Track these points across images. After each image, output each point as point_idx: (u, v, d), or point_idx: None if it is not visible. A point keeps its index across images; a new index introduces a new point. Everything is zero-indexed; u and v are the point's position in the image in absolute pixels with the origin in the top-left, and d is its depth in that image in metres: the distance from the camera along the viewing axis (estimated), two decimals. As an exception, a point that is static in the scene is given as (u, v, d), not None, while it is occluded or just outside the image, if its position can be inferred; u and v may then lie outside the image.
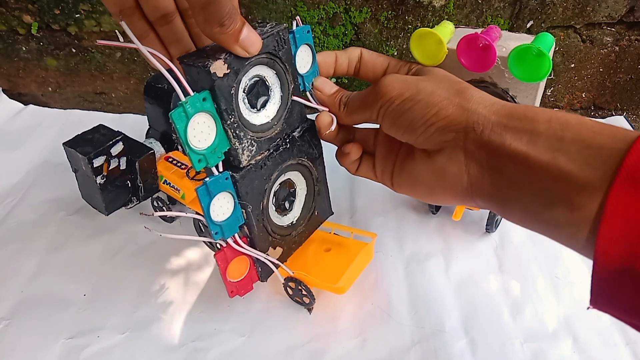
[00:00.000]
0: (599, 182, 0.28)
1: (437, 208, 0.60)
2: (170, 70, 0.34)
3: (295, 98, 0.42)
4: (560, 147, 0.30)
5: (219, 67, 0.35)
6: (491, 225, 0.56)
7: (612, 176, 0.27)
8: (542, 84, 0.45)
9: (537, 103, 0.46)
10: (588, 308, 0.30)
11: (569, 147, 0.30)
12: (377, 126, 0.42)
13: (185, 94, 0.35)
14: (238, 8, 0.34)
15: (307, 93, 0.44)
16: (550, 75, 0.41)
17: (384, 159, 0.44)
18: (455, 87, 0.36)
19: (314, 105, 0.44)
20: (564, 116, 0.32)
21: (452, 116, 0.35)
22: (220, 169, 0.39)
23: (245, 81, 0.38)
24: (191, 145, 0.35)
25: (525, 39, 0.44)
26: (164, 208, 0.59)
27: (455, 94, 0.36)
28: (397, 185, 0.43)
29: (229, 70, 0.36)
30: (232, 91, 0.37)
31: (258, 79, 0.40)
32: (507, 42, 0.44)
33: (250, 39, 0.35)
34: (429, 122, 0.36)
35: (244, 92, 0.39)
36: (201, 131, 0.36)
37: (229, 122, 0.37)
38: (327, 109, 0.44)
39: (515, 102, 0.45)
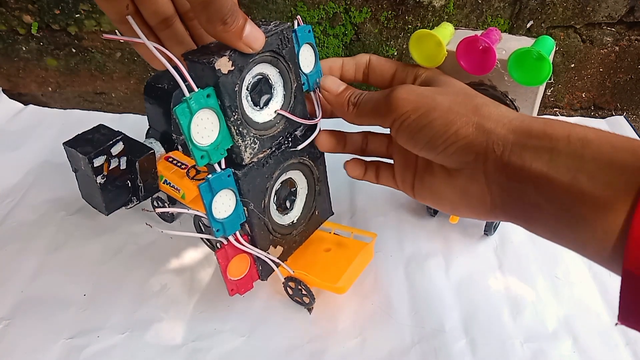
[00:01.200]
0: (622, 203, 0.27)
1: (435, 211, 0.60)
2: (175, 66, 0.34)
3: (281, 112, 0.42)
4: (581, 167, 0.29)
5: (223, 64, 0.35)
6: (489, 229, 0.56)
7: (636, 197, 0.27)
8: (542, 87, 0.45)
9: (537, 106, 0.46)
10: (616, 324, 0.29)
11: (590, 166, 0.29)
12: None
13: (190, 90, 0.35)
14: (238, 5, 0.34)
15: (311, 93, 0.45)
16: (550, 79, 0.41)
17: (403, 169, 0.43)
18: (472, 103, 0.35)
19: (299, 120, 0.43)
20: (583, 131, 0.31)
21: (472, 136, 0.34)
22: (223, 166, 0.39)
23: (249, 79, 0.39)
24: (194, 142, 0.35)
25: (525, 42, 0.44)
26: (164, 207, 0.59)
27: (473, 112, 0.35)
28: (419, 197, 0.42)
29: (233, 67, 0.36)
30: (236, 88, 0.37)
31: (261, 76, 0.40)
32: (507, 44, 0.44)
33: (253, 35, 0.35)
34: (449, 141, 0.35)
35: (247, 89, 0.39)
36: (204, 127, 0.36)
37: (232, 119, 0.37)
38: (319, 119, 0.44)
39: (514, 105, 0.45)
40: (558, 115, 0.80)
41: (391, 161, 0.46)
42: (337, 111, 0.43)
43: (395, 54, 0.76)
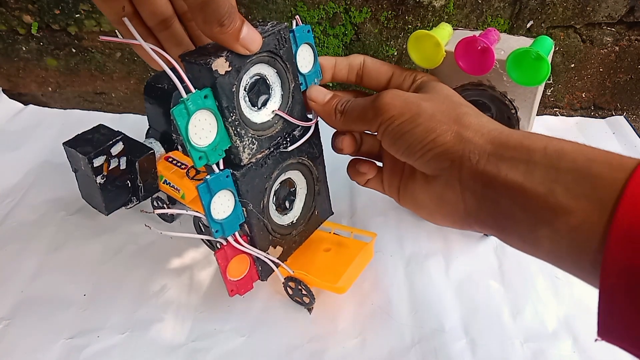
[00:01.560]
0: (598, 216, 0.27)
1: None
2: (172, 68, 0.34)
3: (278, 112, 0.42)
4: (556, 178, 0.29)
5: (220, 65, 0.35)
6: None
7: (612, 210, 0.27)
8: (541, 87, 0.45)
9: (536, 106, 0.46)
10: (596, 340, 0.29)
11: (565, 178, 0.29)
12: None
13: (187, 91, 0.35)
14: (236, 7, 0.34)
15: None
16: (549, 79, 0.41)
17: (391, 173, 0.44)
18: (455, 112, 0.36)
19: (295, 121, 0.43)
20: (560, 143, 0.31)
21: (449, 144, 0.35)
22: (221, 167, 0.39)
23: (247, 79, 0.39)
24: (192, 143, 0.35)
25: (524, 42, 0.44)
26: (164, 207, 0.59)
27: (455, 120, 0.35)
28: (403, 202, 0.43)
29: (230, 68, 0.36)
30: (234, 89, 0.37)
31: (259, 77, 0.40)
32: (506, 45, 0.44)
33: (250, 37, 0.35)
34: (427, 147, 0.36)
35: (245, 90, 0.39)
36: (202, 128, 0.36)
37: (230, 119, 0.37)
38: (315, 120, 0.45)
39: (513, 105, 0.45)
40: (558, 115, 0.80)
41: (379, 163, 0.46)
42: (325, 120, 0.44)
43: (395, 54, 0.76)
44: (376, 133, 0.39)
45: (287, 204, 0.47)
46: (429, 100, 0.37)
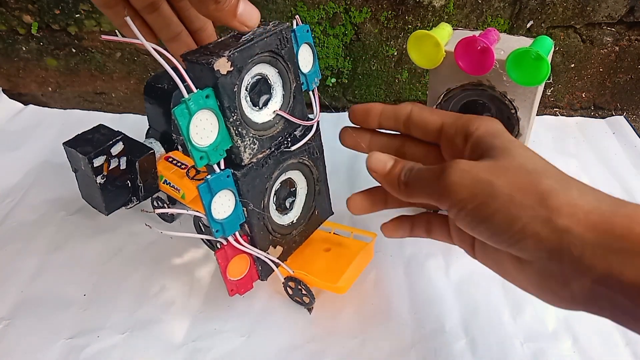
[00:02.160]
0: None
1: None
2: (174, 67, 0.34)
3: (279, 112, 0.42)
4: None
5: (222, 65, 0.35)
6: None
7: None
8: (541, 87, 0.45)
9: (536, 106, 0.46)
10: None
11: None
12: None
13: (188, 90, 0.35)
14: None
15: (310, 92, 0.45)
16: (549, 79, 0.41)
17: (461, 231, 0.38)
18: (537, 188, 0.30)
19: (296, 121, 0.43)
20: None
21: (542, 234, 0.29)
22: (222, 167, 0.39)
23: (248, 79, 0.39)
24: (193, 142, 0.35)
25: (523, 42, 0.44)
26: (164, 207, 0.59)
27: (539, 202, 0.29)
28: (480, 260, 0.38)
29: (232, 68, 0.36)
30: (235, 89, 0.37)
31: (260, 77, 0.40)
32: (506, 44, 0.44)
33: (248, 12, 0.34)
34: (514, 238, 0.30)
35: (246, 90, 0.39)
36: (203, 128, 0.36)
37: (231, 119, 0.37)
38: (316, 119, 0.43)
39: (513, 105, 0.45)
40: (558, 115, 0.80)
41: (445, 212, 0.40)
42: (387, 190, 0.38)
43: (395, 54, 0.76)
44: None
45: (287, 204, 0.47)
46: (501, 174, 0.31)
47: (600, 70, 0.77)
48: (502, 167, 0.32)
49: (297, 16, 0.42)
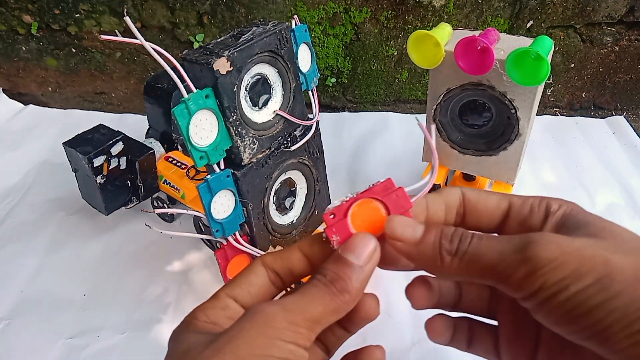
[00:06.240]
0: None
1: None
2: (173, 67, 0.34)
3: (279, 112, 0.42)
4: None
5: (222, 65, 0.35)
6: None
7: None
8: (540, 87, 0.45)
9: (536, 106, 0.46)
10: None
11: None
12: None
13: (188, 90, 0.35)
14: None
15: (309, 92, 0.45)
16: (549, 79, 0.41)
17: (515, 336, 0.30)
18: None
19: (296, 120, 0.43)
20: None
21: None
22: (222, 167, 0.39)
23: (248, 79, 0.39)
24: (193, 142, 0.35)
25: (523, 41, 0.44)
26: (164, 207, 0.59)
27: None
28: None
29: (231, 68, 0.36)
30: (235, 89, 0.37)
31: (260, 77, 0.40)
32: (506, 44, 0.44)
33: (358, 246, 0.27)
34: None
35: (246, 90, 0.39)
36: (203, 128, 0.36)
37: (231, 119, 0.37)
38: (315, 119, 0.42)
39: (512, 105, 0.45)
40: (558, 115, 0.80)
41: (492, 322, 0.32)
42: (420, 265, 0.28)
43: (395, 53, 0.76)
44: (520, 297, 0.25)
45: (287, 204, 0.47)
46: (618, 251, 0.23)
47: (600, 70, 0.77)
48: (616, 245, 0.24)
49: (295, 16, 0.42)
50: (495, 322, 0.32)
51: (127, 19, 0.32)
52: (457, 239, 0.26)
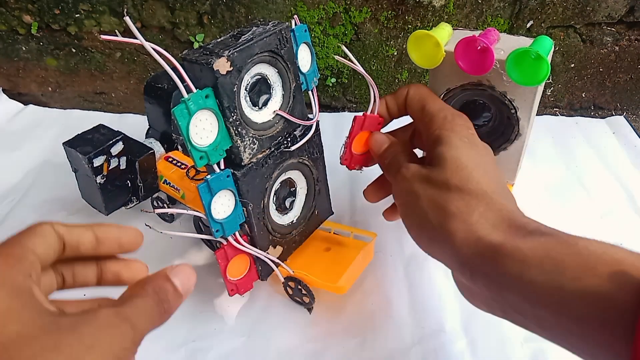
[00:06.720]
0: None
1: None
2: (173, 67, 0.34)
3: (279, 112, 0.42)
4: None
5: (222, 65, 0.35)
6: None
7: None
8: (540, 87, 0.45)
9: (536, 106, 0.46)
10: None
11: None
12: None
13: (188, 90, 0.35)
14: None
15: (309, 92, 0.45)
16: (548, 79, 0.41)
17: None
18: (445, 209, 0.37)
19: (296, 120, 0.43)
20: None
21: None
22: (222, 167, 0.39)
23: (248, 79, 0.39)
24: (193, 142, 0.35)
25: (523, 41, 0.44)
26: (164, 207, 0.59)
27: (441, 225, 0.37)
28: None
29: (231, 68, 0.36)
30: (235, 89, 0.37)
31: (260, 77, 0.40)
32: (506, 44, 0.44)
33: (184, 279, 0.33)
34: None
35: (246, 90, 0.39)
36: (203, 128, 0.36)
37: (231, 119, 0.37)
38: (315, 119, 0.46)
39: (513, 105, 0.45)
40: (558, 115, 0.80)
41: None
42: (381, 162, 0.45)
43: (395, 53, 0.76)
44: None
45: (287, 204, 0.47)
46: (429, 187, 0.39)
47: (600, 70, 0.77)
48: (435, 178, 0.38)
49: (295, 16, 0.42)
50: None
51: (127, 19, 0.32)
52: (390, 156, 0.43)
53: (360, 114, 0.46)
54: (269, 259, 0.45)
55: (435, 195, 0.37)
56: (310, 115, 0.45)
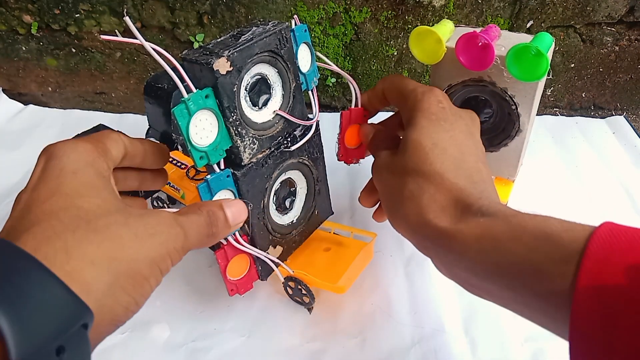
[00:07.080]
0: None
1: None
2: (173, 67, 0.34)
3: (279, 112, 0.42)
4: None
5: (222, 65, 0.35)
6: None
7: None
8: (541, 83, 0.45)
9: (536, 102, 0.46)
10: None
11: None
12: None
13: (188, 90, 0.35)
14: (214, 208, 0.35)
15: (309, 92, 0.45)
16: (549, 75, 0.41)
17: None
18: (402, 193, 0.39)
19: (296, 120, 0.43)
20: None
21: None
22: (222, 167, 0.39)
23: (248, 79, 0.39)
24: (193, 143, 0.35)
25: (524, 38, 0.44)
26: (164, 207, 0.59)
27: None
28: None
29: (231, 68, 0.36)
30: (235, 89, 0.37)
31: (260, 77, 0.40)
32: (506, 41, 0.44)
33: (237, 212, 0.36)
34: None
35: (245, 90, 0.39)
36: (203, 128, 0.36)
37: (231, 119, 0.37)
38: (315, 119, 0.46)
39: (513, 101, 0.45)
40: (558, 115, 0.80)
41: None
42: (370, 149, 0.47)
43: (395, 53, 0.76)
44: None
45: (287, 204, 0.47)
46: (399, 173, 0.40)
47: (600, 70, 0.77)
48: (395, 164, 0.39)
49: (295, 16, 0.42)
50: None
51: (127, 19, 0.32)
52: (374, 144, 0.45)
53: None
54: (269, 259, 0.45)
55: (394, 180, 0.38)
56: (310, 115, 0.45)
